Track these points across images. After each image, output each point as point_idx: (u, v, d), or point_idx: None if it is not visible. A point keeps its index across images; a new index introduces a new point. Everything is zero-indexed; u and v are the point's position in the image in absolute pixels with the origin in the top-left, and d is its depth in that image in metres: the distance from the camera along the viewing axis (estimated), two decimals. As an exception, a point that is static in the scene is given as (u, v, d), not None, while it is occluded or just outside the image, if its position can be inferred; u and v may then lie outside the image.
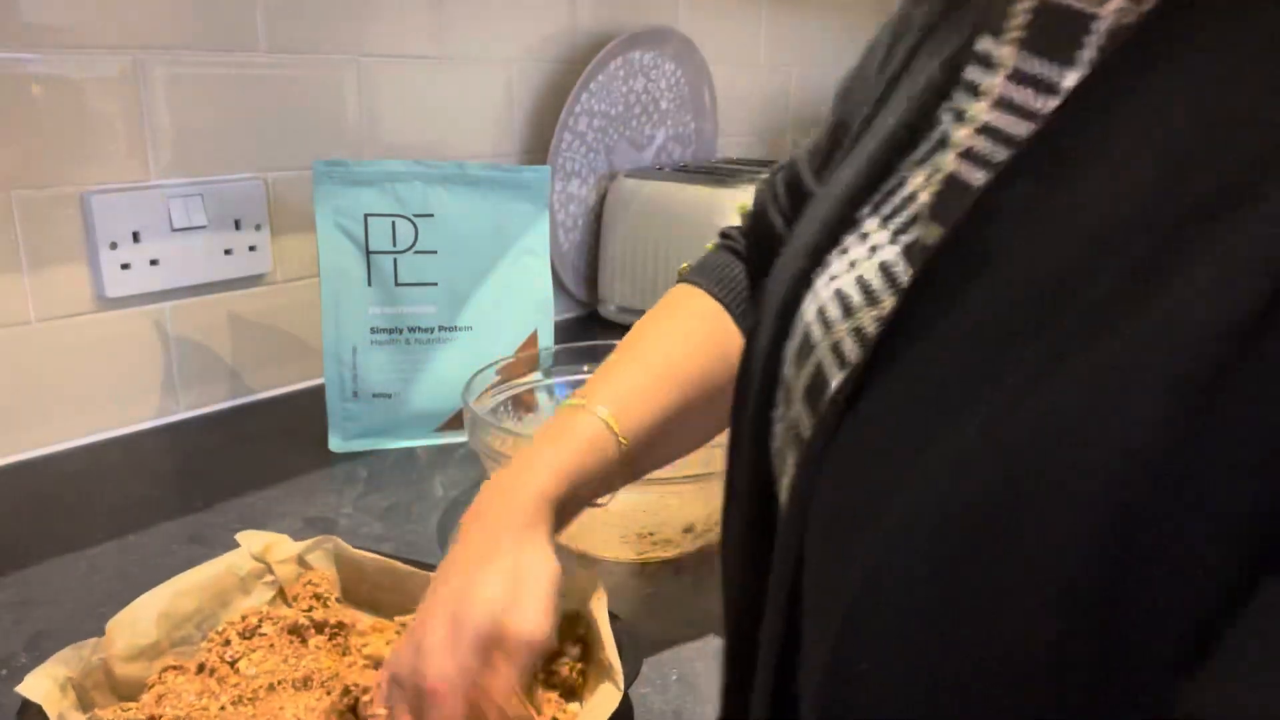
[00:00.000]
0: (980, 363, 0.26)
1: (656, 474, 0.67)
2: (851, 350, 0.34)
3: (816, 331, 0.37)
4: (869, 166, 0.39)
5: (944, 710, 0.26)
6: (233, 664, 0.55)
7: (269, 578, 0.61)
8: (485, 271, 0.91)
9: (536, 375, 0.86)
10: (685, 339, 0.59)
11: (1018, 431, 0.24)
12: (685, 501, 0.68)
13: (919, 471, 0.27)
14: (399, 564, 0.60)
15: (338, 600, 0.60)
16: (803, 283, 0.40)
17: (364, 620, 0.60)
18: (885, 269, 0.35)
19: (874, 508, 0.29)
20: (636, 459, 0.55)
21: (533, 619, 0.46)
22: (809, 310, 0.38)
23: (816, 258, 0.40)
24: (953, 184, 0.33)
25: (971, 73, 0.34)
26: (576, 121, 1.23)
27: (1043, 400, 0.24)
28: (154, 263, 0.90)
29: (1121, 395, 0.22)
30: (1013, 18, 0.32)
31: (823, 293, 0.38)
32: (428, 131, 1.11)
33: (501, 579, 0.47)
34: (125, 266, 0.89)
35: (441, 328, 0.90)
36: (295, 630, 0.57)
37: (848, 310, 0.35)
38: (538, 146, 1.23)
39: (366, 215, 0.87)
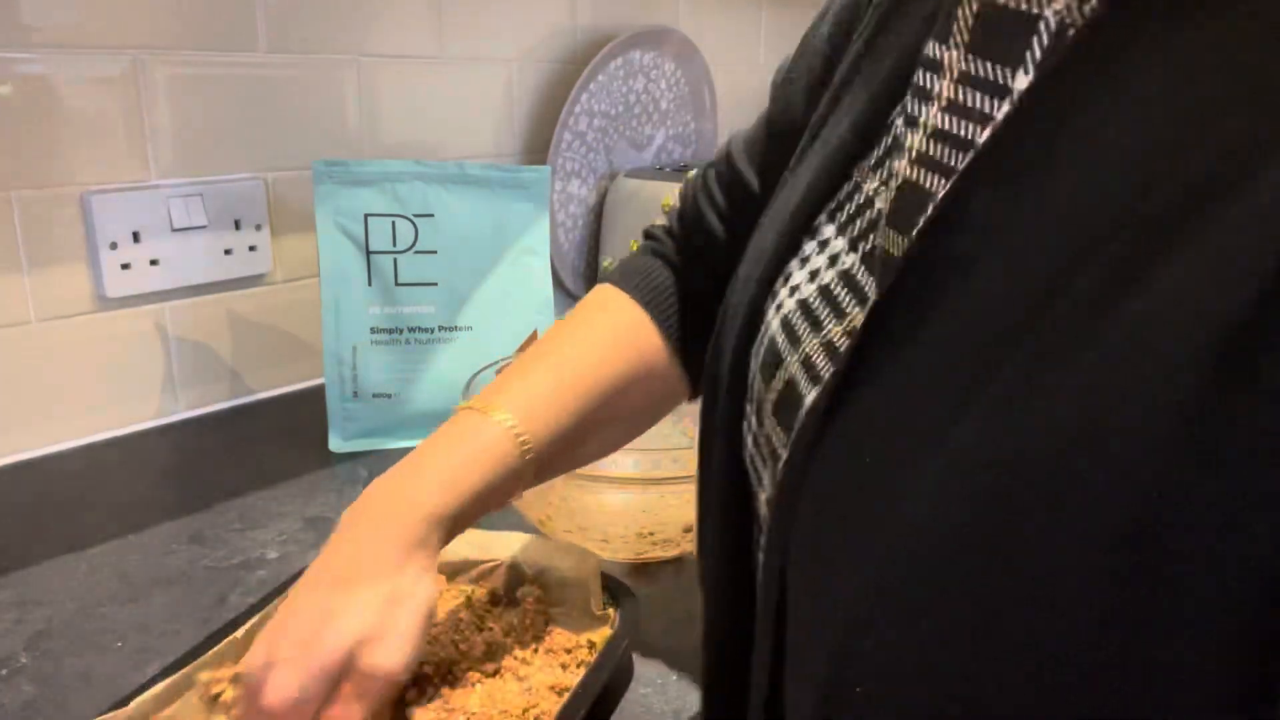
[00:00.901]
0: (967, 368, 0.26)
1: (656, 474, 0.67)
2: (823, 364, 0.33)
3: (783, 344, 0.36)
4: (824, 173, 0.39)
5: None
6: None
7: None
8: (485, 271, 0.91)
9: (536, 375, 0.86)
10: (598, 344, 0.55)
11: (1022, 430, 0.23)
12: (685, 501, 0.67)
13: (912, 480, 0.26)
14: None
15: None
16: (765, 290, 0.40)
17: None
18: (847, 278, 0.34)
19: (864, 522, 0.28)
20: (540, 467, 0.51)
21: (393, 654, 0.43)
22: (773, 321, 0.38)
23: (777, 265, 0.40)
24: (910, 190, 0.32)
25: (920, 78, 0.34)
26: (576, 121, 1.23)
27: (1046, 396, 0.23)
28: (154, 263, 0.90)
29: (1131, 383, 0.22)
30: (958, 21, 0.32)
31: (786, 303, 0.37)
32: (428, 131, 1.11)
33: (372, 606, 0.43)
34: (125, 266, 0.88)
35: (441, 328, 0.90)
36: None
37: (815, 324, 0.35)
38: (538, 146, 1.23)
39: (366, 215, 0.87)
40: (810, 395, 0.33)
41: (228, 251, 0.96)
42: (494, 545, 0.61)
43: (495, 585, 0.60)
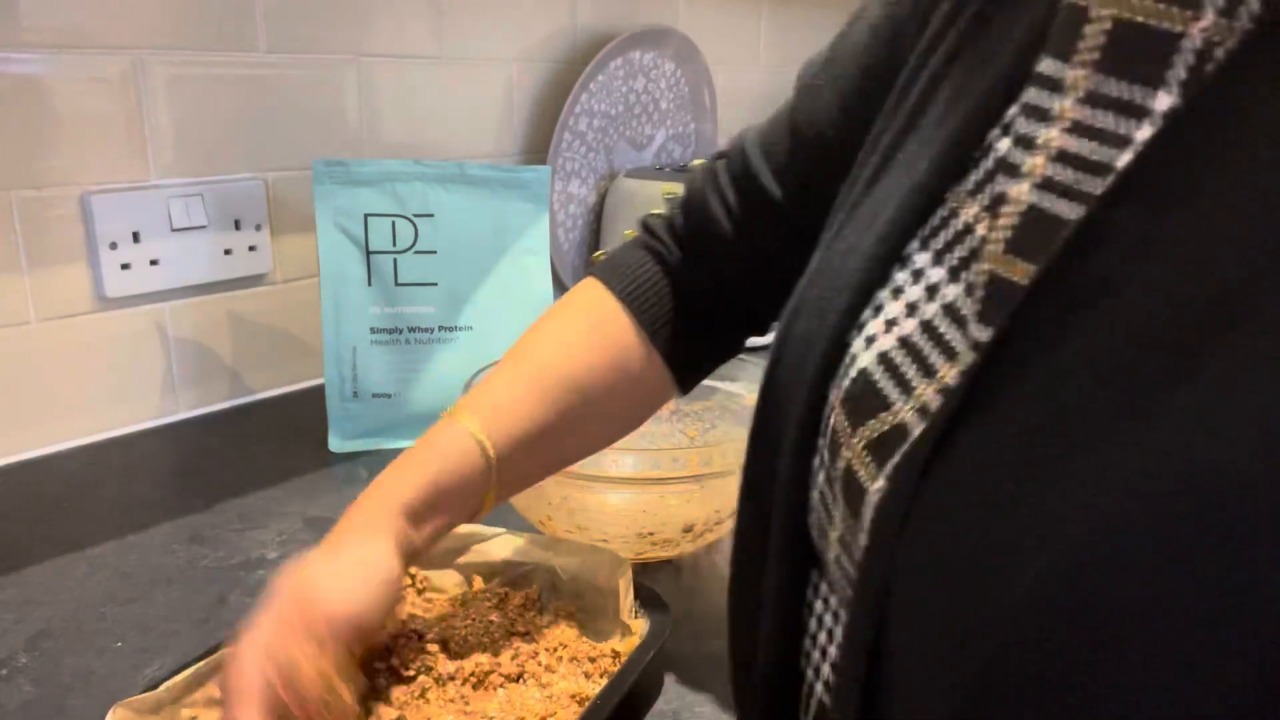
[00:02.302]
0: (1118, 393, 0.25)
1: (656, 474, 0.67)
2: (937, 405, 0.32)
3: (887, 386, 0.34)
4: (914, 198, 0.37)
5: None
6: None
7: None
8: (485, 271, 0.91)
9: (536, 375, 0.86)
10: (571, 344, 0.56)
11: (1220, 445, 0.22)
12: (685, 501, 0.68)
13: (1069, 502, 0.25)
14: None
15: None
16: (849, 321, 0.38)
17: None
18: (951, 311, 0.33)
19: (995, 560, 0.27)
20: (508, 470, 0.53)
21: (346, 598, 0.45)
22: (864, 356, 0.36)
23: (864, 296, 0.38)
24: (1035, 216, 0.31)
25: (1034, 96, 0.32)
26: (576, 121, 1.23)
27: (1246, 411, 0.22)
28: (154, 263, 0.90)
29: None
30: (1084, 39, 0.30)
31: (883, 339, 0.36)
32: (428, 131, 1.11)
33: (328, 566, 0.46)
34: (125, 266, 0.88)
35: (441, 328, 0.90)
36: None
37: (925, 368, 0.33)
38: (538, 146, 1.23)
39: (366, 215, 0.87)
40: (917, 428, 0.32)
41: (228, 251, 0.96)
42: (530, 549, 0.61)
43: (529, 590, 0.60)
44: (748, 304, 0.58)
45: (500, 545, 0.62)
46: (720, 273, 0.57)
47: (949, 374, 0.32)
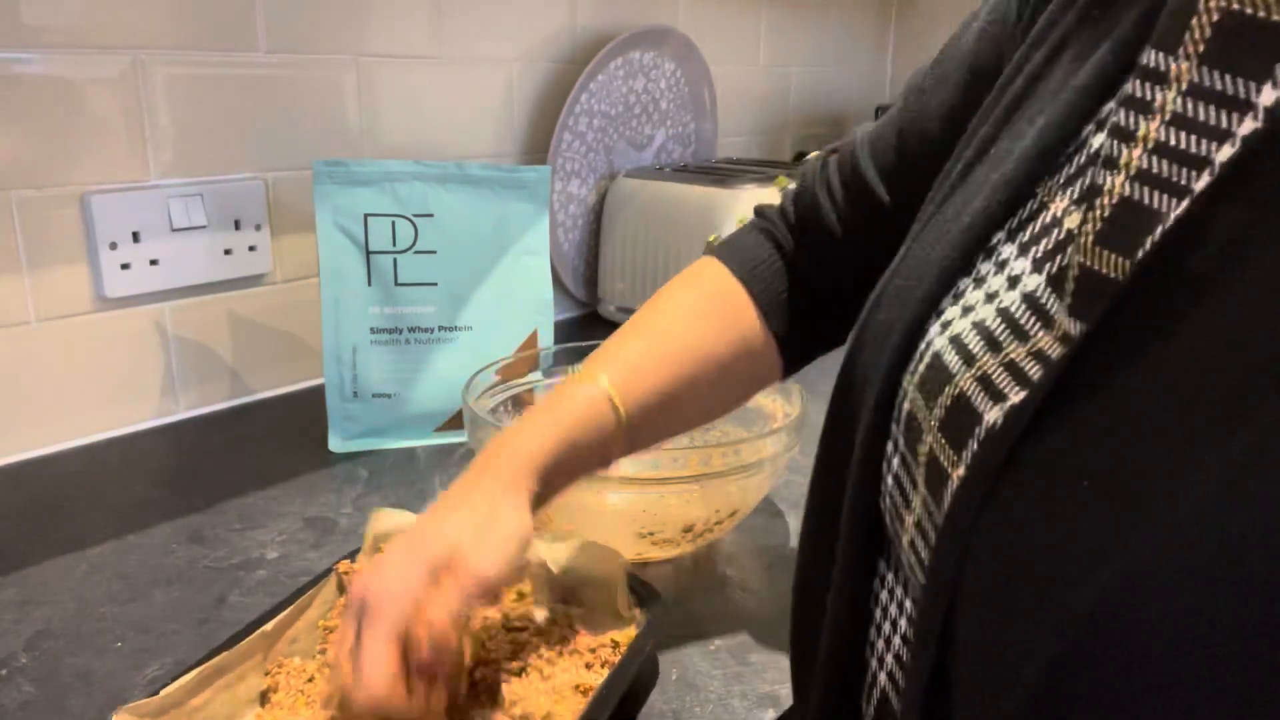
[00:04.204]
0: (1223, 389, 0.24)
1: (656, 474, 0.67)
2: (1005, 383, 0.32)
3: (953, 362, 0.35)
4: (1003, 191, 0.37)
5: None
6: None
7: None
8: (485, 271, 0.91)
9: (536, 375, 0.86)
10: (698, 316, 0.57)
11: (1276, 478, 0.22)
12: (685, 501, 0.68)
13: (1134, 520, 0.25)
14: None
15: None
16: (928, 308, 0.38)
17: None
18: (1030, 300, 0.33)
19: (1067, 561, 0.26)
20: (635, 433, 0.54)
21: (490, 558, 0.46)
22: (939, 340, 0.36)
23: (945, 284, 0.38)
24: (1129, 209, 0.30)
25: (1136, 89, 0.32)
26: (576, 121, 1.23)
27: None
28: (154, 263, 0.90)
29: None
30: (1190, 30, 0.30)
31: (958, 324, 0.36)
32: (428, 131, 1.11)
33: (470, 520, 0.47)
34: (125, 266, 0.88)
35: (441, 328, 0.90)
36: None
37: (993, 345, 0.33)
38: (538, 146, 1.23)
39: (366, 215, 0.87)
40: (991, 414, 0.32)
41: (228, 251, 0.96)
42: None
43: (523, 586, 0.60)
44: (853, 296, 0.59)
45: None
46: (828, 264, 0.58)
47: (1020, 353, 0.32)
